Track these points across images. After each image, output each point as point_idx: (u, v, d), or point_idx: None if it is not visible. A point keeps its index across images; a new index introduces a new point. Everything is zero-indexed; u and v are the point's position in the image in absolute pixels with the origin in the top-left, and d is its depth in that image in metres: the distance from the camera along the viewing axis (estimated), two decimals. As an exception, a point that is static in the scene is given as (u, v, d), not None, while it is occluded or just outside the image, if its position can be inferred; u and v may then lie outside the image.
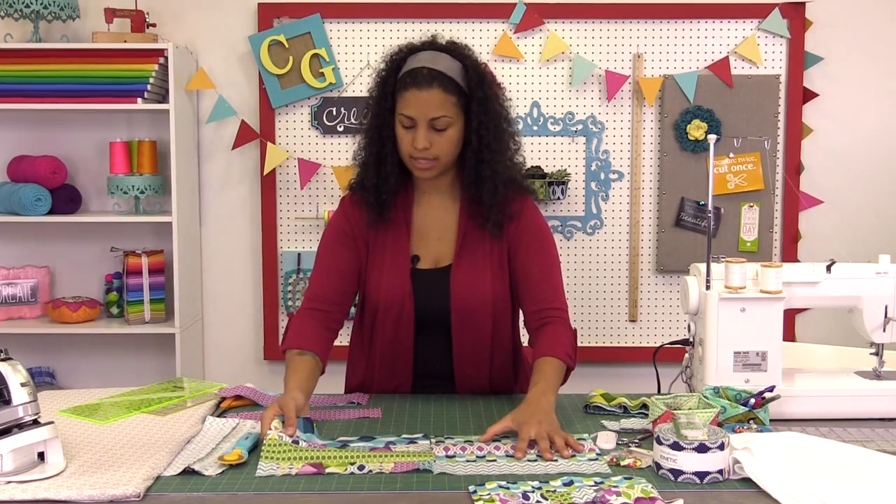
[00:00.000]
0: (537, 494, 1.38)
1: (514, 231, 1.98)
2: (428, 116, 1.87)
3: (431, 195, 2.02)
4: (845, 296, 1.88)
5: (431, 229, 2.01)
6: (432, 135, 1.88)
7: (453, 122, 1.89)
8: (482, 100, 1.91)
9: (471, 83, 1.91)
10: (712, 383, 1.80)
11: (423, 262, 2.00)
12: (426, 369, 2.03)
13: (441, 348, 2.00)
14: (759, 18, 3.37)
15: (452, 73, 1.90)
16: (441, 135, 1.88)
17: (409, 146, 1.89)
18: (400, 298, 1.96)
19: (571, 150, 3.42)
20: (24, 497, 1.38)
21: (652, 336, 3.48)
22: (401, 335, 1.99)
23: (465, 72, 1.92)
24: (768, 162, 3.38)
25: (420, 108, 1.86)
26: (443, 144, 1.89)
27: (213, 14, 3.42)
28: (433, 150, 1.89)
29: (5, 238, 3.48)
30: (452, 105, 1.88)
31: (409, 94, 1.87)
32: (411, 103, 1.87)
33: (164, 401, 1.91)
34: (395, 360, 2.02)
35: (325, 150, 3.42)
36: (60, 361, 3.52)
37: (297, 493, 1.42)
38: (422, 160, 1.90)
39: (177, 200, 3.22)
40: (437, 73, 1.87)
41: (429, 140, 1.88)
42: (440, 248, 2.00)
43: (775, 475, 1.42)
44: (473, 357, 2.00)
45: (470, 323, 1.97)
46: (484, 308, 1.96)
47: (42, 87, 3.19)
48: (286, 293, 3.45)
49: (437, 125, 1.87)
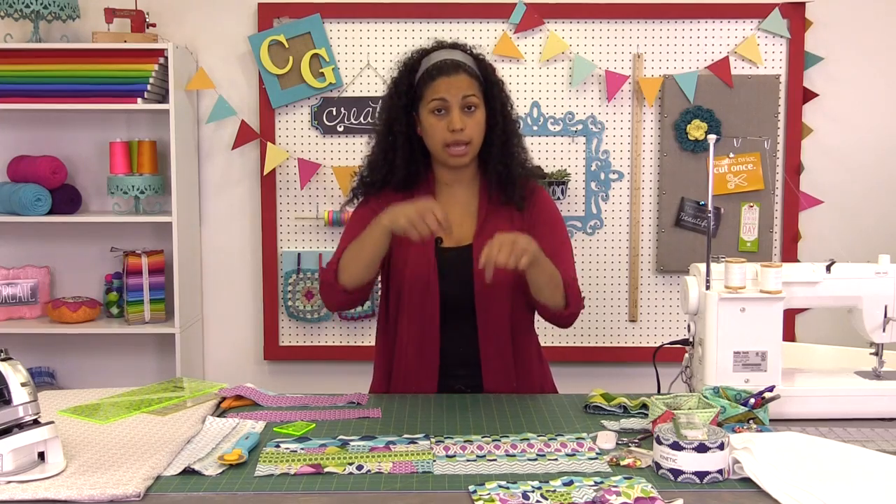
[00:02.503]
0: (537, 494, 1.38)
1: (531, 214, 2.11)
2: (461, 95, 2.01)
3: (453, 187, 2.13)
4: (845, 296, 1.88)
5: (453, 215, 2.08)
6: (465, 117, 2.01)
7: (479, 104, 2.04)
8: (499, 84, 2.11)
9: (485, 72, 2.10)
10: (712, 383, 1.80)
11: (446, 243, 2.08)
12: (453, 357, 2.06)
13: (466, 334, 2.05)
14: (759, 18, 3.37)
15: (471, 63, 2.09)
16: (472, 116, 2.02)
17: (444, 132, 2.02)
18: (426, 275, 2.03)
19: (571, 150, 3.42)
20: (24, 497, 1.38)
21: (652, 336, 3.48)
22: (427, 315, 2.04)
23: (478, 63, 2.10)
24: (768, 162, 3.38)
25: (452, 91, 2.01)
26: (474, 126, 2.03)
27: (213, 14, 3.42)
28: (467, 133, 2.02)
29: (5, 238, 3.48)
30: (477, 88, 2.05)
31: (439, 82, 2.02)
32: (442, 88, 2.01)
33: (164, 401, 1.91)
34: (422, 347, 2.05)
35: (325, 150, 3.42)
36: (60, 361, 3.52)
37: (298, 493, 1.42)
38: (456, 146, 2.02)
39: (177, 200, 3.22)
40: (459, 62, 2.05)
41: (463, 122, 2.01)
42: (461, 231, 2.09)
43: (775, 475, 1.42)
44: (496, 340, 2.05)
45: (493, 299, 2.03)
46: (505, 281, 1.99)
47: (42, 87, 3.19)
48: (286, 293, 3.45)
49: (468, 103, 2.02)
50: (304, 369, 3.53)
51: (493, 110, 2.07)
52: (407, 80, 2.07)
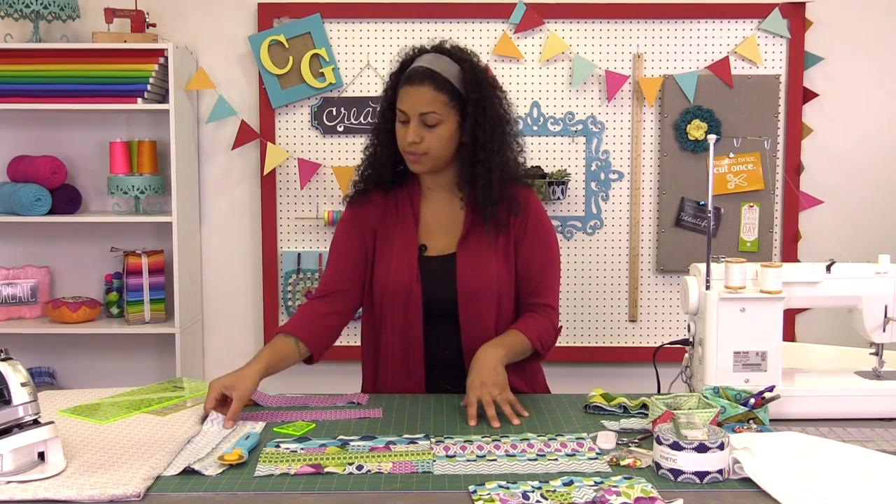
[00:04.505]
0: (537, 494, 1.38)
1: (520, 225, 2.08)
2: (417, 111, 1.98)
3: (436, 192, 2.12)
4: (845, 296, 1.88)
5: (438, 222, 2.10)
6: (423, 130, 1.99)
7: (443, 119, 1.99)
8: (478, 101, 2.01)
9: (467, 85, 2.01)
10: (712, 383, 1.80)
11: (430, 251, 2.08)
12: (437, 360, 2.06)
13: (450, 338, 2.04)
14: (759, 18, 3.37)
15: (448, 74, 2.00)
16: (431, 131, 1.99)
17: (403, 140, 2.01)
18: (408, 282, 2.03)
19: (571, 150, 3.42)
20: (24, 497, 1.38)
21: (652, 336, 3.48)
22: (410, 322, 2.04)
23: (462, 74, 2.01)
24: (768, 162, 3.38)
25: (411, 104, 1.98)
26: (433, 140, 1.99)
27: (213, 14, 3.42)
28: (423, 145, 1.99)
29: (5, 238, 3.48)
30: (443, 104, 1.99)
31: (403, 91, 2.00)
32: (404, 99, 2.00)
33: (164, 401, 1.91)
34: (407, 350, 2.06)
35: (325, 150, 3.42)
36: (60, 361, 3.52)
37: (298, 493, 1.42)
38: (411, 154, 2.01)
39: (177, 200, 3.22)
40: (430, 72, 1.99)
41: (419, 135, 1.99)
42: (446, 239, 2.08)
43: (775, 475, 1.42)
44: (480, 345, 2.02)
45: (475, 306, 2.02)
46: (489, 291, 2.01)
47: (42, 87, 3.18)
48: (286, 293, 3.45)
49: (426, 121, 1.98)
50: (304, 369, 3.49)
51: (463, 128, 2.00)
52: (396, 78, 2.06)
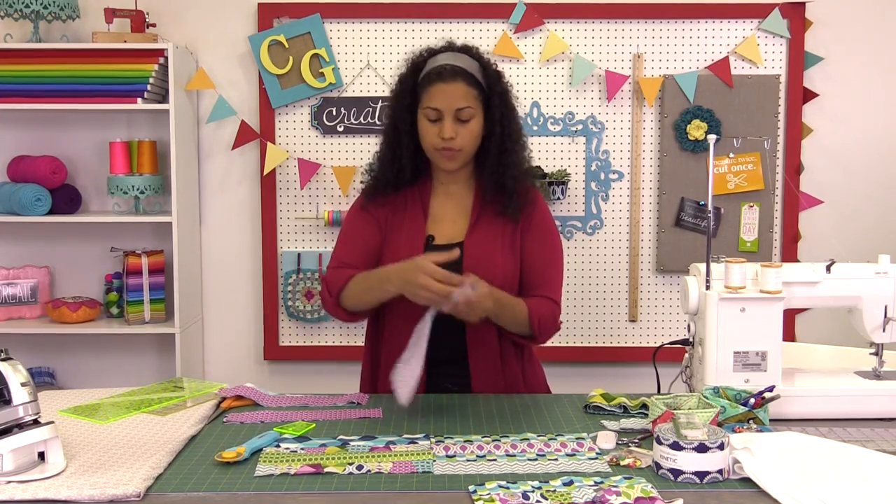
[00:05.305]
0: (537, 494, 1.38)
1: (526, 220, 2.10)
2: (454, 107, 2.00)
3: (448, 186, 2.14)
4: (845, 296, 1.88)
5: (446, 214, 2.12)
6: (457, 126, 2.02)
7: (475, 114, 2.04)
8: (501, 94, 2.07)
9: (489, 80, 2.07)
10: (712, 383, 1.80)
11: (438, 240, 2.09)
12: (441, 356, 2.05)
13: (454, 332, 2.04)
14: (759, 18, 3.37)
15: (473, 70, 2.06)
16: (465, 126, 2.03)
17: (436, 138, 2.03)
18: None
19: (571, 150, 3.42)
20: (24, 497, 1.38)
21: (652, 336, 3.48)
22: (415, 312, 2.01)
23: (483, 69, 2.08)
24: (768, 162, 3.38)
25: (446, 100, 2.01)
26: (466, 136, 2.03)
27: (213, 14, 3.42)
28: (458, 141, 2.02)
29: (5, 238, 3.48)
30: (474, 98, 2.03)
31: (435, 89, 2.02)
32: (437, 96, 2.01)
33: (164, 401, 1.91)
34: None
35: (325, 151, 3.42)
36: (60, 361, 3.52)
37: (297, 493, 1.42)
38: (447, 150, 2.03)
39: (177, 200, 3.22)
40: (459, 68, 2.03)
41: (454, 131, 2.01)
42: (454, 228, 2.11)
43: (775, 475, 1.42)
44: (484, 340, 2.05)
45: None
46: (494, 280, 2.00)
47: (42, 87, 3.18)
48: (286, 293, 3.45)
49: (461, 116, 2.01)
50: (304, 369, 3.53)
51: (492, 120, 2.06)
52: (412, 80, 2.08)
